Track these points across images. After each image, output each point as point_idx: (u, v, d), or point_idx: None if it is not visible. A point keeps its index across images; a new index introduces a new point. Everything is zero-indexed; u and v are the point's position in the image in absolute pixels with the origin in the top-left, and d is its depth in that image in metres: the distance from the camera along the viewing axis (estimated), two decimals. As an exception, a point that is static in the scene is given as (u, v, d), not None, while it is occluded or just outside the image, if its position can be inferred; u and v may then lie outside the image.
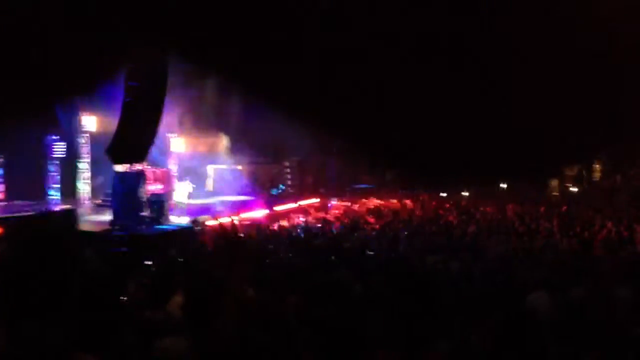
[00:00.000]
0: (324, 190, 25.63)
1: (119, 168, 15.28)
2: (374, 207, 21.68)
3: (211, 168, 24.50)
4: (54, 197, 17.91)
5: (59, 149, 18.06)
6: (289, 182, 26.45)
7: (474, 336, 3.31)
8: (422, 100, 23.10)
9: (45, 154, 17.90)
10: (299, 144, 24.16)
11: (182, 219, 16.66)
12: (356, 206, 22.38)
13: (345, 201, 23.93)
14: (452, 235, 12.52)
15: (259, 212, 19.05)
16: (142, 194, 15.08)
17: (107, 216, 15.30)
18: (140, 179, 15.30)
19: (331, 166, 27.92)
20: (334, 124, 22.51)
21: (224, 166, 24.03)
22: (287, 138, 23.22)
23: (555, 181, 28.96)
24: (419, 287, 4.05)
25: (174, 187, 18.51)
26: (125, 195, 14.78)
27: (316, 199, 23.62)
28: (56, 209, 17.11)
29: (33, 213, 14.46)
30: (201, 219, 15.96)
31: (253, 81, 20.42)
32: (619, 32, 18.79)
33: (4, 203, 16.46)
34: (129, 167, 15.41)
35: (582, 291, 4.72)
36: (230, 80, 20.73)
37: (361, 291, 4.99)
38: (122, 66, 14.87)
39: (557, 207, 19.16)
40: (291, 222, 18.06)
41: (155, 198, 15.99)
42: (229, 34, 19.92)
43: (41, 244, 1.86)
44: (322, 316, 3.56)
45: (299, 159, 26.78)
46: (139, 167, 15.81)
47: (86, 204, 18.54)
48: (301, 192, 25.08)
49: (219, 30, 19.32)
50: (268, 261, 8.12)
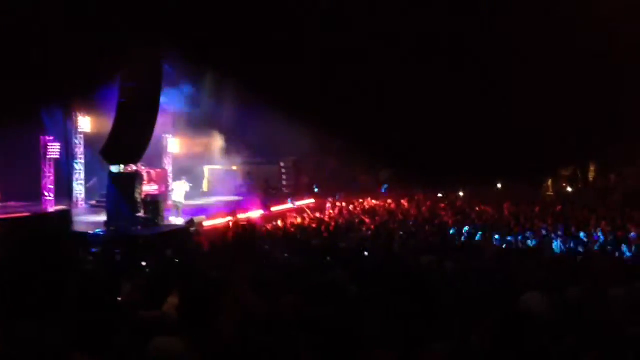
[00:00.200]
0: (320, 191, 25.57)
1: (114, 169, 15.25)
2: (369, 207, 21.66)
3: (207, 169, 24.48)
4: (49, 198, 17.85)
5: (54, 150, 18.00)
6: (284, 183, 26.40)
7: (472, 336, 3.31)
8: (422, 100, 23.10)
9: (40, 155, 17.84)
10: (295, 144, 24.11)
11: (177, 219, 16.62)
12: (352, 206, 22.35)
13: (342, 201, 23.91)
14: (446, 235, 12.55)
15: (255, 213, 19.02)
16: (137, 195, 15.04)
17: (102, 217, 15.27)
18: (136, 179, 15.26)
19: (328, 166, 27.86)
20: (333, 123, 22.49)
21: (219, 167, 24.01)
22: (283, 138, 23.17)
23: (550, 181, 29.00)
24: (414, 287, 4.05)
25: (170, 187, 18.46)
26: (120, 196, 14.74)
27: (312, 200, 23.59)
28: (51, 210, 17.06)
29: (29, 214, 14.42)
30: (197, 219, 15.93)
31: (253, 81, 20.41)
32: (619, 32, 18.82)
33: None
34: (124, 168, 15.39)
35: (579, 291, 4.73)
36: (229, 80, 20.72)
37: (357, 291, 4.98)
38: (120, 67, 14.83)
39: (552, 207, 19.21)
40: (287, 223, 18.03)
41: (151, 199, 15.96)
42: (229, 33, 19.89)
43: (37, 245, 1.86)
44: (319, 316, 3.55)
45: (294, 158, 26.71)
46: (134, 167, 15.78)
47: (81, 205, 18.49)
48: (297, 192, 25.03)
49: (219, 30, 19.30)
50: (264, 262, 8.10)
